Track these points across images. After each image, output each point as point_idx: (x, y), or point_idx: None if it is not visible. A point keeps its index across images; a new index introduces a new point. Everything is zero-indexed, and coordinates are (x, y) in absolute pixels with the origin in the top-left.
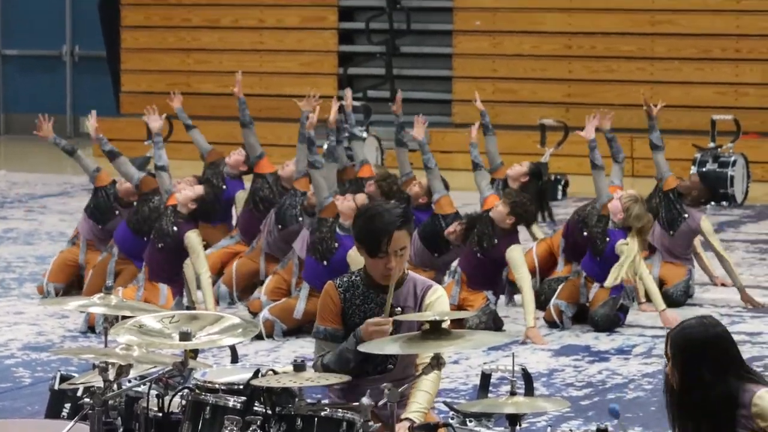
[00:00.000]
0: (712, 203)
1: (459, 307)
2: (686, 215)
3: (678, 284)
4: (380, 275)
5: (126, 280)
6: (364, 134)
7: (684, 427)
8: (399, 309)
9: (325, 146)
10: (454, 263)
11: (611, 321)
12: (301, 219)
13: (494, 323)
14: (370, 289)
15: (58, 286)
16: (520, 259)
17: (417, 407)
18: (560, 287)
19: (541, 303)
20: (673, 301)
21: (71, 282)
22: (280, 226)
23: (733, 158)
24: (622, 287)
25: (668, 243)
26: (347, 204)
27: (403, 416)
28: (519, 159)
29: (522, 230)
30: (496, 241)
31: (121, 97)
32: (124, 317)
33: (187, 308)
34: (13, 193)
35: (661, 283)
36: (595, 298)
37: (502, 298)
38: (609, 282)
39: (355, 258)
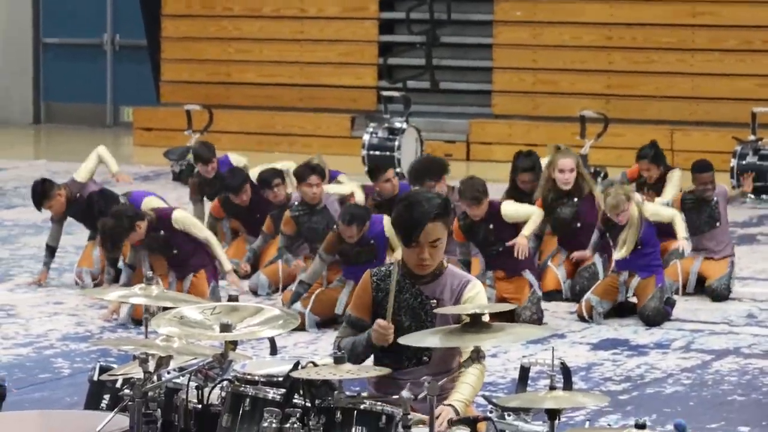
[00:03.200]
0: (752, 196)
1: (503, 301)
2: (713, 199)
3: (721, 278)
4: (414, 264)
5: (160, 271)
6: (404, 125)
7: None
8: (434, 301)
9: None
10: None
11: (662, 315)
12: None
13: (541, 312)
14: (405, 279)
15: (94, 271)
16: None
17: (459, 397)
18: (597, 283)
19: (576, 294)
20: (718, 294)
21: (104, 268)
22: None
23: None
24: (662, 278)
25: (710, 237)
26: None
27: (445, 402)
28: None
29: None
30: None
31: (161, 86)
32: (164, 308)
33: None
34: None
35: (702, 279)
36: (640, 290)
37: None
38: (619, 254)
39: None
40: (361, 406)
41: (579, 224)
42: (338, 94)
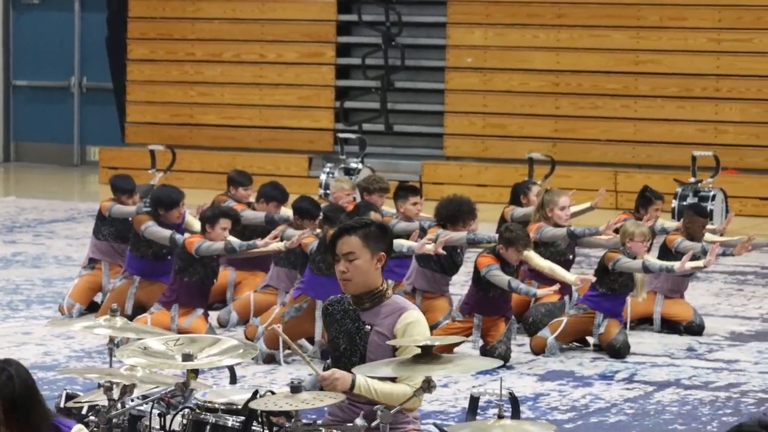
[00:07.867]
0: None
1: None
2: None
3: (695, 315)
4: (339, 281)
5: (153, 298)
6: (360, 165)
7: None
8: (368, 327)
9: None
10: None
11: (628, 348)
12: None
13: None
14: (350, 306)
15: (80, 307)
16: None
17: (370, 380)
18: (559, 323)
19: (528, 326)
20: (697, 326)
21: (90, 305)
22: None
23: (712, 193)
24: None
25: (671, 279)
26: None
27: (353, 370)
28: (507, 191)
29: None
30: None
31: (127, 127)
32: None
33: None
34: (22, 218)
35: (664, 320)
36: (608, 330)
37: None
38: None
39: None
40: None
41: (572, 256)
42: (296, 135)
